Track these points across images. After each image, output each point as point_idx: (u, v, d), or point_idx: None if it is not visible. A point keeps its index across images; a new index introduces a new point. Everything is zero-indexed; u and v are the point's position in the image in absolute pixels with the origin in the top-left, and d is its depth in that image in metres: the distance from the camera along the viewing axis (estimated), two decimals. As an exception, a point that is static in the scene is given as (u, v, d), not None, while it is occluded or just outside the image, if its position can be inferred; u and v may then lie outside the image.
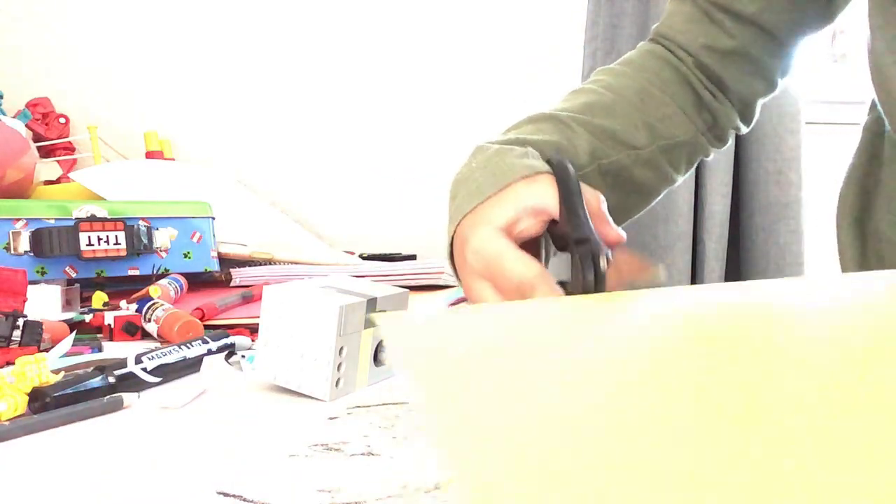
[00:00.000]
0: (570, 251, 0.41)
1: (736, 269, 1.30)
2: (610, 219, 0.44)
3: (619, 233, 0.43)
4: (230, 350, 0.60)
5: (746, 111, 0.61)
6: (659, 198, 0.59)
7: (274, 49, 1.39)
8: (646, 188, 0.56)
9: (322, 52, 1.41)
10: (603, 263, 0.39)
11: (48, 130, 1.25)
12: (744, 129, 0.62)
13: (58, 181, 1.20)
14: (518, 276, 0.40)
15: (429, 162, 1.46)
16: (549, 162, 0.46)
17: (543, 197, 0.42)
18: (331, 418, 0.45)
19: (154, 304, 0.69)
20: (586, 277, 0.38)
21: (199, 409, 0.47)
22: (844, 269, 0.49)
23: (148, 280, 0.83)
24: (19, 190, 0.92)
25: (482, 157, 0.48)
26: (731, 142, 0.64)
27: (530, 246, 0.45)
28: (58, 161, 1.25)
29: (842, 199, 0.52)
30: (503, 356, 0.26)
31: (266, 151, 1.41)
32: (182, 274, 0.84)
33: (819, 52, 1.47)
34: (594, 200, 0.43)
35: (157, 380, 0.52)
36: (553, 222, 0.44)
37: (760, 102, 0.61)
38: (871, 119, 0.52)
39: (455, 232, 0.47)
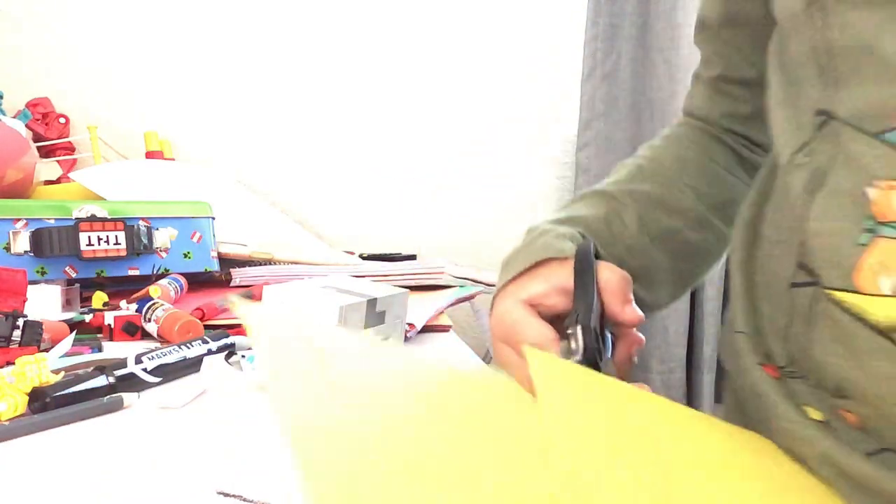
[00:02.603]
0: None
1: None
2: (630, 298, 0.45)
3: (635, 313, 0.45)
4: (230, 350, 0.60)
5: None
6: (722, 259, 0.60)
7: (274, 49, 1.39)
8: (702, 250, 0.57)
9: (322, 53, 1.41)
10: (584, 342, 0.40)
11: (48, 130, 1.25)
12: None
13: (58, 181, 1.20)
14: (531, 340, 0.43)
15: (429, 162, 1.46)
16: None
17: (570, 278, 0.46)
18: (331, 418, 0.44)
19: (154, 304, 0.69)
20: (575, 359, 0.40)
21: (199, 409, 0.47)
22: (734, 296, 0.52)
23: (148, 280, 0.83)
24: (19, 190, 0.92)
25: (527, 237, 0.53)
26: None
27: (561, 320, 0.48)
28: (58, 161, 1.25)
29: (735, 230, 0.54)
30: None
31: (266, 151, 1.41)
32: (182, 274, 0.84)
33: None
34: (614, 278, 0.45)
35: (157, 380, 0.52)
36: None
37: None
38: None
39: (493, 305, 0.53)
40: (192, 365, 0.55)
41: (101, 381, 0.48)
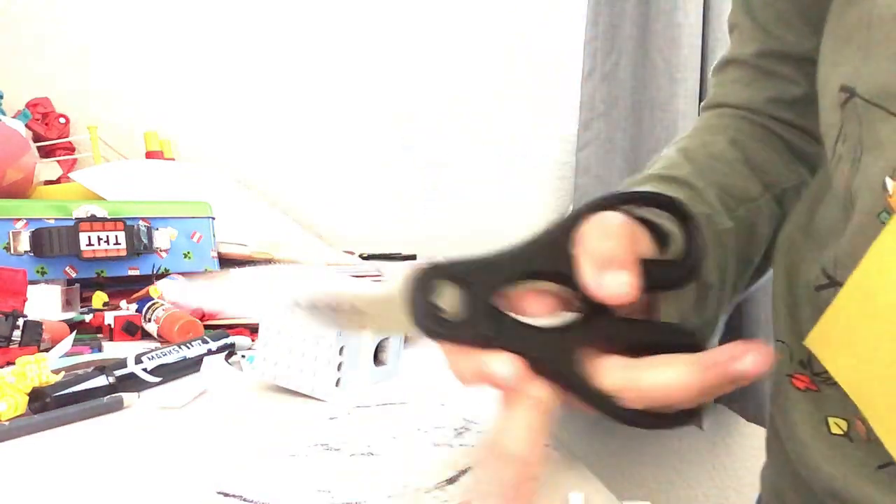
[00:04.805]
0: None
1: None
2: (622, 264, 0.30)
3: (615, 287, 0.29)
4: (230, 350, 0.60)
5: None
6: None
7: (274, 49, 1.39)
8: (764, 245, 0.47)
9: (322, 53, 1.41)
10: None
11: (48, 130, 1.25)
12: None
13: (58, 181, 1.20)
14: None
15: (429, 162, 1.46)
16: None
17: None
18: (331, 418, 0.44)
19: (154, 304, 0.69)
20: None
21: (199, 409, 0.47)
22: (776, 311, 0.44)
23: (148, 280, 0.83)
24: (19, 190, 0.92)
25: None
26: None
27: None
28: (58, 161, 1.25)
29: (782, 233, 0.46)
30: None
31: (266, 151, 1.41)
32: (182, 274, 0.84)
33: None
34: (598, 232, 0.31)
35: (157, 380, 0.52)
36: None
37: None
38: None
39: None
40: (192, 365, 0.55)
41: (101, 381, 0.48)
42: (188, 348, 0.55)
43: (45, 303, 0.71)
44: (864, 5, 0.34)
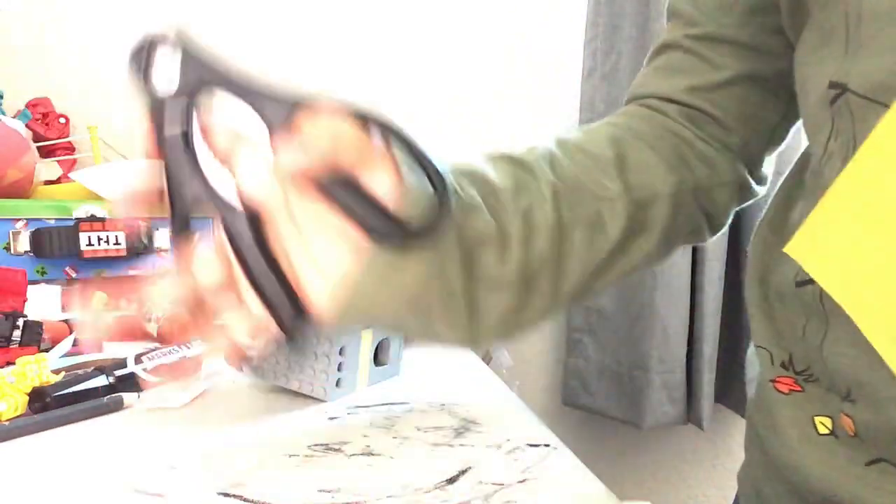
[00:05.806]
0: None
1: (737, 267, 1.31)
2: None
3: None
4: (230, 350, 0.60)
5: (755, 161, 0.51)
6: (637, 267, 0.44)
7: (273, 50, 1.39)
8: (616, 253, 0.42)
9: (322, 53, 1.41)
10: None
11: (48, 130, 1.25)
12: (757, 189, 0.51)
13: (58, 181, 1.19)
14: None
15: (429, 162, 1.46)
16: None
17: None
18: (331, 418, 0.45)
19: (154, 304, 0.69)
20: None
21: (199, 409, 0.47)
22: (752, 314, 0.43)
23: (148, 280, 0.83)
24: (19, 190, 0.92)
25: None
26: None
27: None
28: (58, 161, 1.25)
29: (753, 240, 0.45)
30: None
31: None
32: (182, 274, 0.84)
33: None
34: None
35: (158, 380, 0.52)
36: None
37: (774, 149, 0.52)
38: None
39: None
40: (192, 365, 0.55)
41: (101, 381, 0.48)
42: (188, 348, 0.55)
43: (45, 303, 0.71)
44: (850, 1, 0.34)
